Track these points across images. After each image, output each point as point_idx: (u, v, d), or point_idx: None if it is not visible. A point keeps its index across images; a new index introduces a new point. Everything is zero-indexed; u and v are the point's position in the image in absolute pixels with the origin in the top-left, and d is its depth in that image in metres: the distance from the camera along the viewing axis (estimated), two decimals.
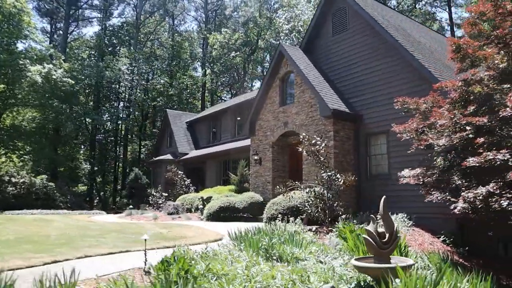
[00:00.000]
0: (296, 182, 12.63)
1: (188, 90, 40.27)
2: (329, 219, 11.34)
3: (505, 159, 6.92)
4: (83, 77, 32.95)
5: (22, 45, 28.78)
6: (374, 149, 13.90)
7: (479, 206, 7.03)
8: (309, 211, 11.19)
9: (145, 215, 17.67)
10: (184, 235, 10.40)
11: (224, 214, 14.98)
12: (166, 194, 24.19)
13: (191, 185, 21.79)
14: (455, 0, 32.53)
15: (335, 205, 11.19)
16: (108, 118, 35.73)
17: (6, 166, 25.26)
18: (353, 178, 11.51)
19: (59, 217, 16.23)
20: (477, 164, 7.17)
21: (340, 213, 11.71)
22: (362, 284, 5.81)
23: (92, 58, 38.21)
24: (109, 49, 39.62)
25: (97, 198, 38.97)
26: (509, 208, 6.71)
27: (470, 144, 7.93)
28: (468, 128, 8.05)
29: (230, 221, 14.73)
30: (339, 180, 11.08)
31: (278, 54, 16.25)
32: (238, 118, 23.19)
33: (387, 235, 6.06)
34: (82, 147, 37.76)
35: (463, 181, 8.20)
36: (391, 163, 13.21)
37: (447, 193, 8.02)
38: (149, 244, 8.60)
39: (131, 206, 25.09)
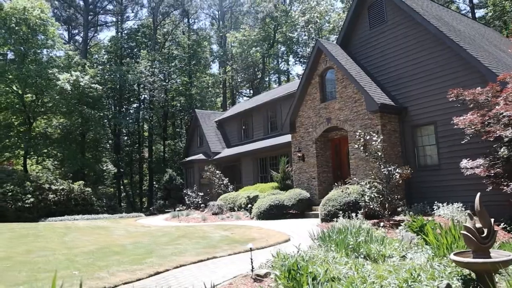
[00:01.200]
0: (351, 178, 12.79)
1: (209, 89, 40.48)
2: (389, 212, 11.51)
3: None
4: (107, 82, 33.38)
5: (47, 54, 29.17)
6: (422, 141, 13.97)
7: None
8: (370, 206, 11.34)
9: (192, 216, 17.99)
10: (251, 237, 10.63)
11: (274, 212, 15.22)
12: (202, 194, 24.56)
13: (229, 184, 22.06)
14: None
15: (395, 198, 11.34)
16: (131, 120, 36.14)
17: (45, 174, 25.81)
18: (409, 171, 11.63)
19: (110, 223, 16.64)
20: None
21: (398, 206, 11.89)
22: (467, 279, 5.98)
23: (112, 63, 38.63)
24: (127, 51, 39.98)
25: (125, 200, 39.59)
26: None
27: None
28: None
29: (280, 219, 15.01)
30: (397, 173, 11.19)
31: (317, 50, 16.33)
32: (271, 115, 23.38)
33: (485, 230, 6.21)
34: (107, 150, 38.24)
35: None
36: (440, 153, 13.27)
37: None
38: (227, 249, 8.90)
39: (168, 207, 25.52)
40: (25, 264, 7.40)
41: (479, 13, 33.87)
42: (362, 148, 11.95)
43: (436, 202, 12.07)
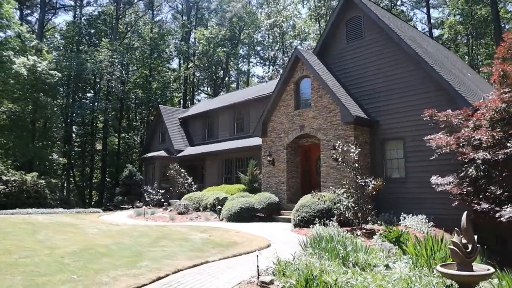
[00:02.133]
0: (322, 186, 13.29)
1: (171, 84, 39.76)
2: (361, 221, 12.14)
3: None
4: (63, 69, 31.78)
5: (2, 34, 27.29)
6: (390, 154, 14.81)
7: None
8: (345, 214, 11.88)
9: (158, 215, 17.73)
10: (233, 240, 10.76)
11: (244, 214, 15.40)
12: (163, 191, 24.21)
13: (192, 183, 21.94)
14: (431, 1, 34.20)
15: (368, 208, 11.98)
16: (88, 110, 34.65)
17: None
18: (382, 182, 12.32)
19: (72, 219, 16.03)
20: None
21: (369, 215, 12.55)
22: None
23: (68, 49, 36.82)
24: (86, 38, 38.30)
25: (74, 193, 37.91)
26: None
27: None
28: (508, 144, 9.01)
29: (249, 222, 15.23)
30: (372, 185, 11.82)
31: (294, 58, 16.74)
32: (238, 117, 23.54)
33: (470, 246, 6.84)
34: (58, 140, 36.38)
35: (501, 191, 9.21)
36: (407, 167, 14.15)
37: (493, 204, 8.96)
38: (215, 253, 9.00)
39: (126, 204, 24.90)
40: (14, 266, 7.05)
41: (435, 33, 36.17)
42: (340, 158, 12.46)
43: (402, 213, 12.90)
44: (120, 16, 38.65)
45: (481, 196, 9.60)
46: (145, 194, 24.00)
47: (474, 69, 27.72)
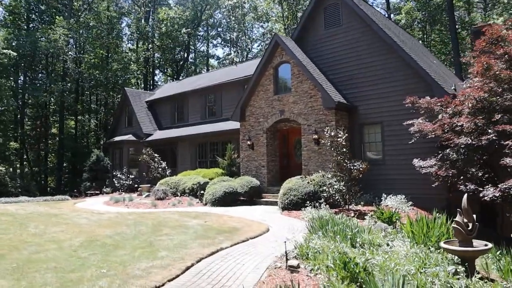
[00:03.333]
0: (304, 169, 13.77)
1: (131, 65, 38.35)
2: (349, 203, 12.81)
3: None
4: (14, 48, 29.66)
5: None
6: (369, 138, 15.56)
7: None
8: (335, 196, 12.47)
9: (137, 201, 17.48)
10: (232, 226, 10.99)
11: (228, 198, 15.61)
12: (133, 176, 23.81)
13: (166, 167, 21.73)
14: None
15: (356, 190, 12.65)
16: (45, 93, 32.69)
17: None
18: (367, 165, 12.99)
19: (49, 208, 15.48)
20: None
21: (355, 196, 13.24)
22: (455, 263, 7.28)
23: (18, 27, 34.28)
24: (37, 15, 35.84)
25: (26, 178, 35.99)
26: None
27: (492, 145, 9.82)
28: (490, 131, 9.90)
29: (233, 206, 15.48)
30: (361, 168, 12.46)
31: (274, 44, 16.89)
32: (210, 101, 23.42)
33: (470, 225, 7.58)
34: (11, 124, 34.23)
35: (482, 173, 10.15)
36: (385, 150, 14.97)
37: (477, 184, 9.85)
38: (224, 240, 9.22)
39: (93, 190, 24.21)
40: (33, 263, 6.86)
41: (392, 19, 37.53)
42: (329, 143, 12.96)
43: (382, 193, 13.75)
44: None
45: (462, 178, 10.46)
46: (114, 180, 23.47)
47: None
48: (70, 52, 32.98)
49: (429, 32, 34.64)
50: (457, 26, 31.19)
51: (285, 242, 6.93)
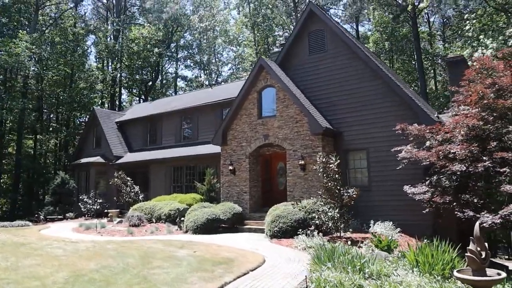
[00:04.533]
0: (301, 197, 13.45)
1: (97, 84, 36.92)
2: (341, 230, 12.54)
3: None
4: None
5: None
6: (354, 163, 15.51)
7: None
8: (328, 224, 12.15)
9: (110, 228, 16.35)
10: (225, 256, 10.38)
11: (210, 226, 14.92)
12: (101, 201, 22.53)
13: (139, 192, 20.67)
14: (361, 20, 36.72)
15: (348, 217, 12.42)
16: (1, 110, 30.60)
17: None
18: (358, 191, 12.84)
19: (11, 236, 14.15)
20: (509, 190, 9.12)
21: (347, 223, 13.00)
22: None
23: None
24: None
25: None
26: None
27: (488, 171, 9.94)
28: (485, 158, 10.05)
29: (215, 233, 14.82)
30: (353, 194, 12.28)
31: (258, 67, 16.72)
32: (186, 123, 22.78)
33: (483, 253, 7.47)
34: None
35: (477, 199, 10.24)
36: (371, 176, 14.94)
37: (473, 211, 9.89)
38: (224, 273, 8.61)
39: (56, 214, 22.66)
40: None
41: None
42: (321, 169, 12.74)
43: (369, 220, 13.61)
44: (40, 7, 34.97)
45: (456, 204, 10.50)
46: (80, 204, 22.05)
47: None
48: (32, 68, 31.30)
49: (395, 61, 36.03)
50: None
51: (305, 276, 6.47)
